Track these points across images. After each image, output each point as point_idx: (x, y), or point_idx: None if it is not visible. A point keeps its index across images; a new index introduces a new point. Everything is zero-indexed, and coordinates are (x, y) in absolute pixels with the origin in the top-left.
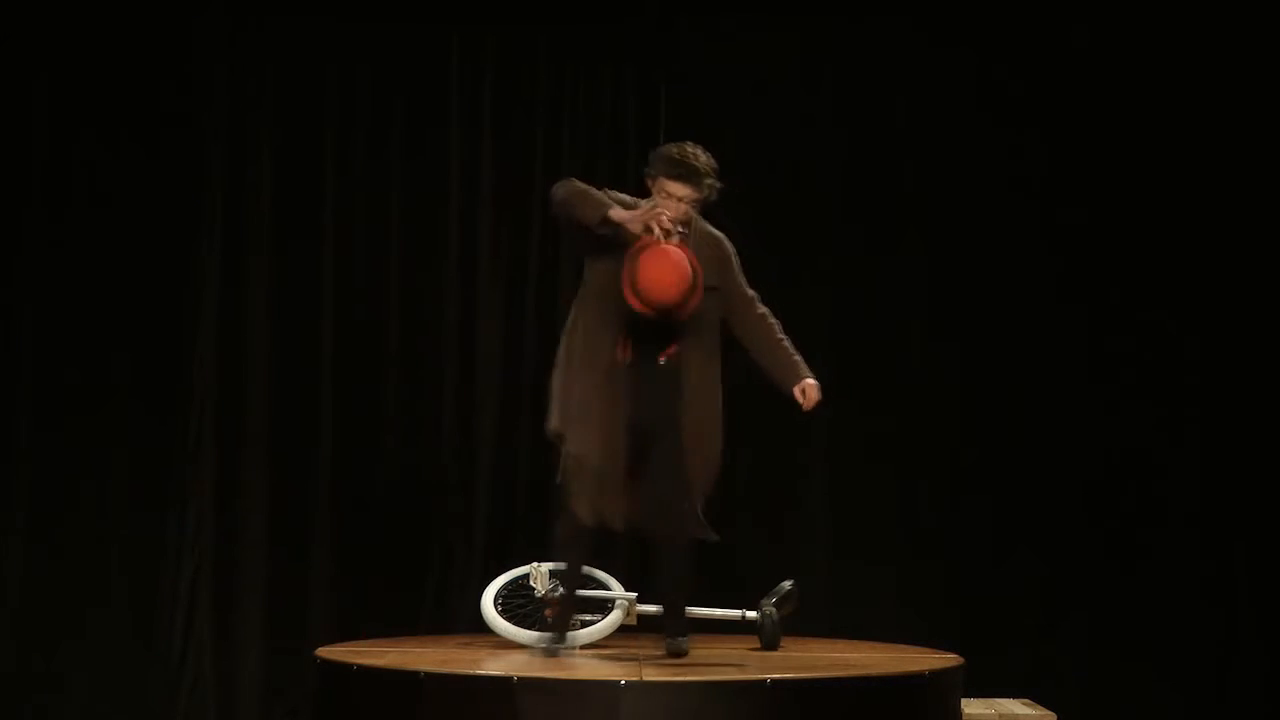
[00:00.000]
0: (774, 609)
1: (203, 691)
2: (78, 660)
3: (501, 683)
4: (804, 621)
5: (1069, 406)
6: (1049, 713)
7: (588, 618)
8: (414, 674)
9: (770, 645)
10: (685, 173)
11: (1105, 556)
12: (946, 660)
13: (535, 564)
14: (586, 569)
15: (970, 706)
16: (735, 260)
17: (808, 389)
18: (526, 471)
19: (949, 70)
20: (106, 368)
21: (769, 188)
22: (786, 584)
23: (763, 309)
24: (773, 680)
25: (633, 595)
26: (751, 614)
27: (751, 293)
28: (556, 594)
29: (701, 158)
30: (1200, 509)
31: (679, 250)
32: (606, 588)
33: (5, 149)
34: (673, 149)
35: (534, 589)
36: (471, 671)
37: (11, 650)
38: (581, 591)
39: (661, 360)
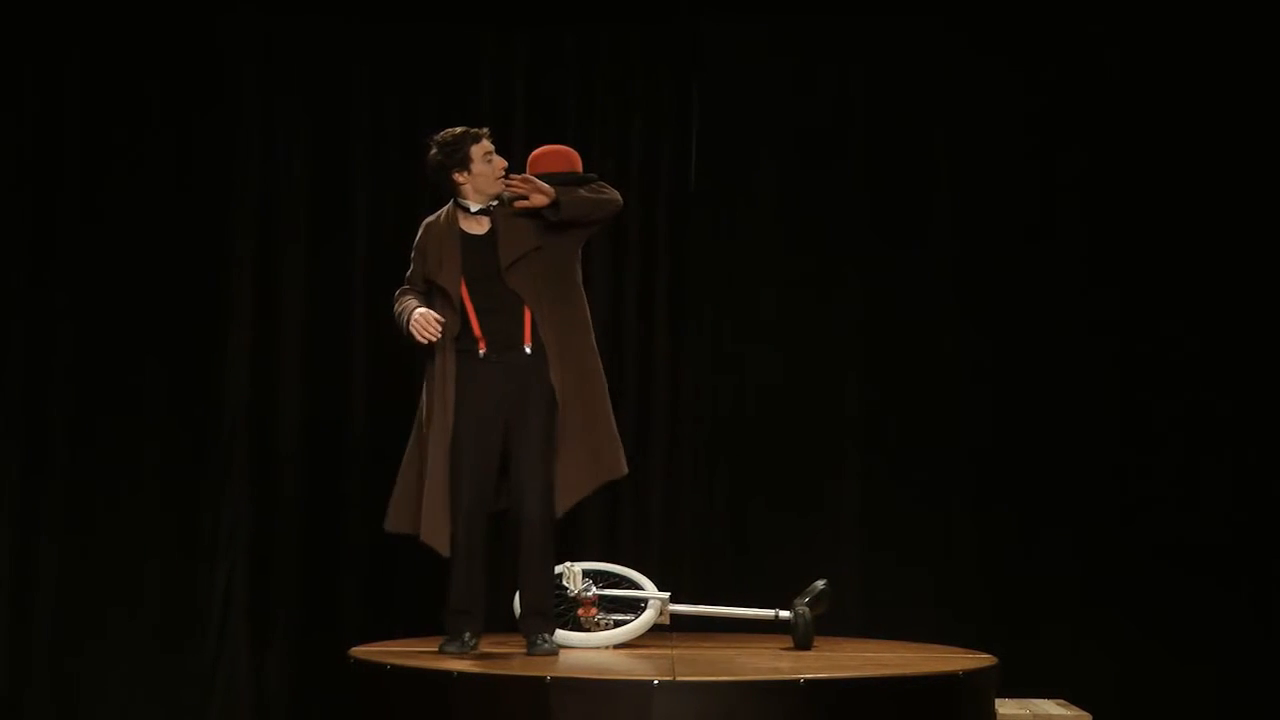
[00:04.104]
0: (807, 608)
1: (237, 691)
2: (112, 662)
3: (535, 683)
4: (837, 621)
5: (1102, 401)
6: (1084, 713)
7: (621, 617)
8: (448, 673)
9: (803, 645)
10: None
11: (1140, 555)
12: (980, 660)
13: (568, 564)
14: (619, 569)
15: (1004, 707)
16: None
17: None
18: None
19: (980, 68)
20: (140, 370)
21: (800, 184)
22: (819, 583)
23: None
24: (806, 680)
25: (665, 595)
26: (785, 613)
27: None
28: (589, 593)
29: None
30: (1235, 504)
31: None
32: (639, 587)
33: (37, 155)
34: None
35: (566, 588)
36: (504, 671)
37: (46, 652)
38: (614, 591)
39: (527, 348)
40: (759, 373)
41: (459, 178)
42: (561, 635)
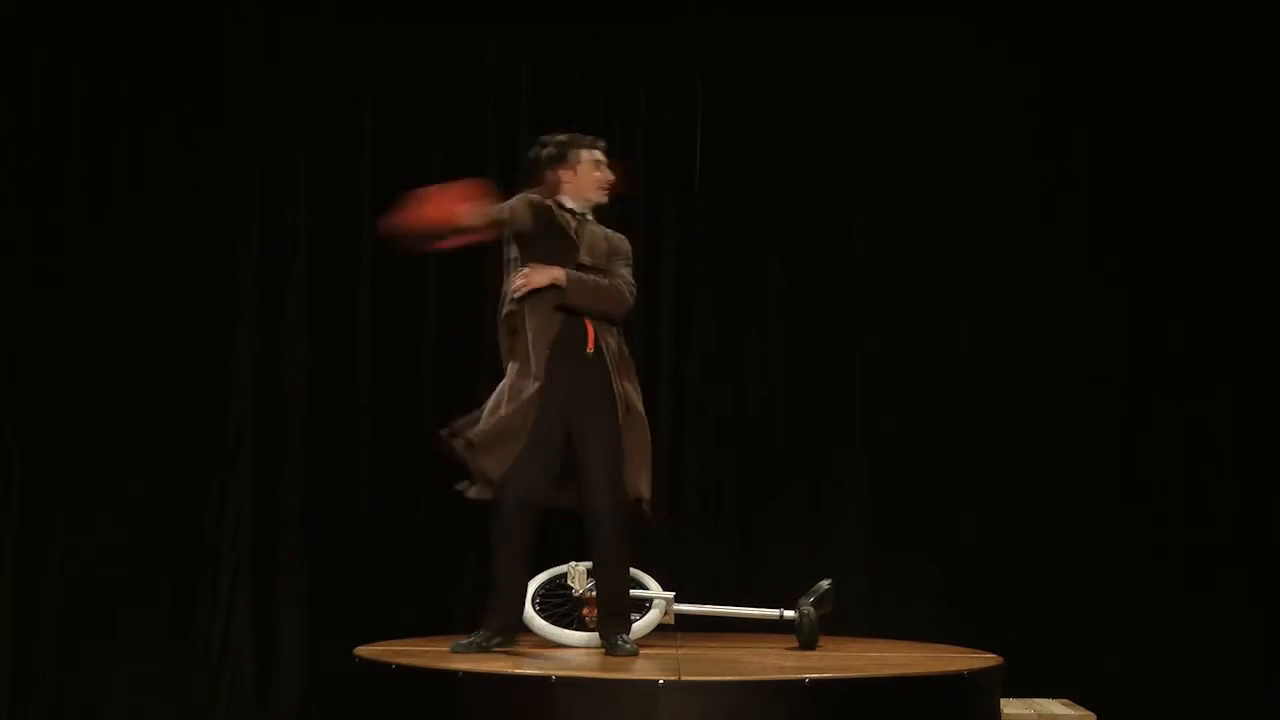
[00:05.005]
0: (812, 608)
1: (241, 690)
2: (118, 658)
3: (539, 682)
4: (842, 621)
5: (1106, 400)
6: (1088, 713)
7: None
8: (452, 673)
9: (808, 645)
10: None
11: (1146, 554)
12: (985, 660)
13: (573, 563)
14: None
15: (1009, 706)
16: (625, 257)
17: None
18: None
19: (985, 66)
20: (145, 367)
21: (804, 184)
22: (824, 583)
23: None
24: (811, 680)
25: (670, 594)
26: (789, 613)
27: (628, 283)
28: (593, 594)
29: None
30: (1238, 503)
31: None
32: (644, 587)
33: (42, 146)
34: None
35: (571, 588)
36: (509, 670)
37: (53, 648)
38: None
39: (590, 351)
40: (763, 371)
41: (564, 174)
42: (567, 635)
